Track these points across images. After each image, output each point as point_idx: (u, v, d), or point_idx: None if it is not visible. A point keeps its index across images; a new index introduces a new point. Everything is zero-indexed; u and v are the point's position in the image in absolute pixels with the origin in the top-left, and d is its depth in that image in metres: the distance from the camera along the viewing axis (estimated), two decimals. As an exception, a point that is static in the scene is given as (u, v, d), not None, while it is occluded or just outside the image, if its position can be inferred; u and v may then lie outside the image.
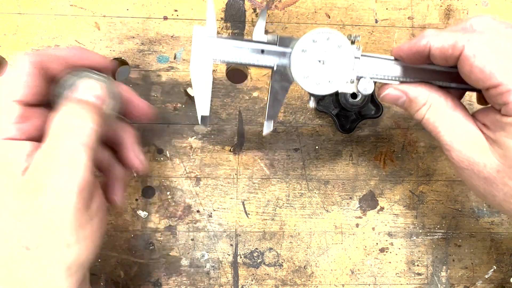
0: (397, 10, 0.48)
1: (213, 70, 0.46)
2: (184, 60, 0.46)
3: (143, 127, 0.45)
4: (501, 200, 0.32)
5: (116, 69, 0.37)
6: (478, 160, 0.32)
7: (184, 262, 0.45)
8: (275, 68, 0.34)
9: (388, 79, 0.35)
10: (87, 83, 0.33)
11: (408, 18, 0.48)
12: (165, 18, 0.46)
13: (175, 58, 0.46)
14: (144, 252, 0.45)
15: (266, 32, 0.46)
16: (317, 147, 0.47)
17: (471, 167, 0.32)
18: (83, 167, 0.29)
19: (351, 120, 0.46)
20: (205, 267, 0.46)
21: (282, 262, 0.46)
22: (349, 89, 0.35)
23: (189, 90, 0.44)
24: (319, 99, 0.44)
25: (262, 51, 0.34)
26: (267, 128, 0.36)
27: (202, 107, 0.35)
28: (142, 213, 0.45)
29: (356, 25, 0.47)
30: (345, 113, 0.45)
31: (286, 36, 0.35)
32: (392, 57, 0.35)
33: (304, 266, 0.46)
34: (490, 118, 0.32)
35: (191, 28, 0.46)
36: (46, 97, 0.33)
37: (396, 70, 0.35)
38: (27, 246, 0.28)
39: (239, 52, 0.34)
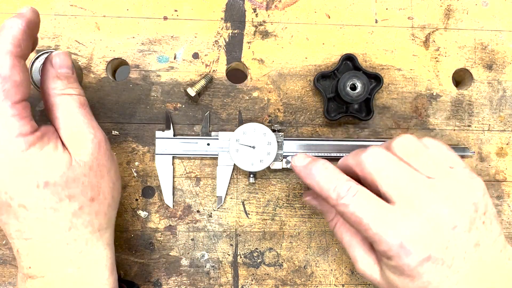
0: (397, 10, 0.48)
1: (214, 71, 0.46)
2: (184, 60, 0.46)
3: (143, 127, 0.45)
4: None
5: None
6: (374, 277, 0.38)
7: (184, 262, 0.45)
8: (219, 155, 0.44)
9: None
10: (57, 56, 0.36)
11: (408, 18, 0.48)
12: (165, 18, 0.46)
13: (175, 58, 0.46)
14: (144, 252, 0.45)
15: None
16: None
17: (370, 279, 0.38)
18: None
19: (339, 111, 0.45)
20: (205, 267, 0.46)
21: (282, 262, 0.46)
22: (278, 165, 0.44)
23: (189, 90, 0.44)
24: (319, 78, 0.45)
25: (208, 144, 0.44)
26: (219, 202, 0.45)
27: (167, 196, 0.45)
28: (142, 213, 0.45)
29: (356, 25, 0.47)
30: (338, 102, 0.45)
31: (223, 132, 0.45)
32: (313, 138, 0.45)
33: (304, 266, 0.46)
34: (377, 252, 0.37)
35: (191, 28, 0.46)
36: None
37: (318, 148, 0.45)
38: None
39: (192, 146, 0.44)
